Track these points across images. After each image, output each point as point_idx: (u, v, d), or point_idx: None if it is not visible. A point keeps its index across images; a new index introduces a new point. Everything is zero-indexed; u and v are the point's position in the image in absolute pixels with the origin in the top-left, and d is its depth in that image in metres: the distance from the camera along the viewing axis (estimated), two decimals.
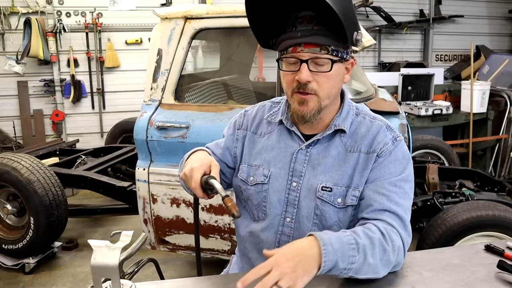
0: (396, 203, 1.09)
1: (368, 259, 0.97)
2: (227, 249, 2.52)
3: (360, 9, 5.90)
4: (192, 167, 1.10)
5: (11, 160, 2.94)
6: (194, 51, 4.99)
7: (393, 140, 1.15)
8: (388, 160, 1.13)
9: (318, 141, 1.18)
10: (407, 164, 1.15)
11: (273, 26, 1.14)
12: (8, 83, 5.32)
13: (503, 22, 6.78)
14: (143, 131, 2.45)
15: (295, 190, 1.18)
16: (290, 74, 1.11)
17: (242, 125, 1.32)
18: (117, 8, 5.43)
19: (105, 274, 0.89)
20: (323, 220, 1.15)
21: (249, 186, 1.24)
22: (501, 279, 1.01)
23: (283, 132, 1.24)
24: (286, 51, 1.10)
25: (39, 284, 2.90)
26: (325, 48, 1.07)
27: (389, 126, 1.20)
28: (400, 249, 1.05)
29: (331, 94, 1.13)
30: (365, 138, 1.16)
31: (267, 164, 1.22)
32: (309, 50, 1.07)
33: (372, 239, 1.00)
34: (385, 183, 1.11)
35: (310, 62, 1.08)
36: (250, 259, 1.28)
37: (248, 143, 1.29)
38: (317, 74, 1.09)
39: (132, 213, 3.05)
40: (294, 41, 1.08)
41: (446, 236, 2.25)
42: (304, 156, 1.18)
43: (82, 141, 5.22)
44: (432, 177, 3.12)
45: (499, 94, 5.11)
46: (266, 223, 1.21)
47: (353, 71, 1.23)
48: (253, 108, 1.35)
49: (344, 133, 1.17)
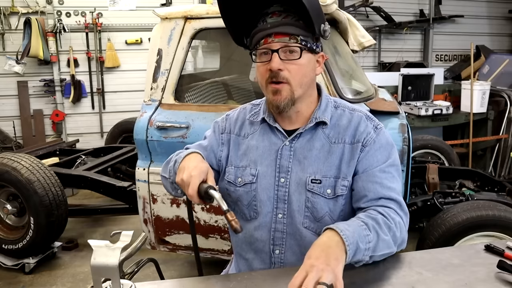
0: (389, 188, 1.14)
1: (381, 235, 1.03)
2: (227, 249, 2.52)
3: (360, 9, 5.90)
4: (191, 174, 1.09)
5: (11, 160, 2.94)
6: (194, 51, 5.00)
7: (375, 129, 1.20)
8: (374, 148, 1.17)
9: (301, 135, 1.21)
10: (391, 149, 1.20)
11: (246, 24, 1.20)
12: (8, 83, 5.33)
13: (503, 22, 6.78)
14: (143, 131, 2.45)
15: (284, 186, 1.20)
16: (263, 65, 1.16)
17: (225, 129, 1.34)
18: (117, 8, 5.44)
19: (105, 274, 0.89)
20: (314, 212, 1.17)
21: (238, 187, 1.25)
22: (501, 279, 1.01)
23: (266, 130, 1.26)
24: (259, 44, 1.16)
25: (39, 284, 2.90)
26: (294, 38, 1.13)
27: (368, 115, 1.24)
28: (402, 225, 1.11)
29: (303, 83, 1.17)
30: (348, 129, 1.20)
31: (254, 164, 1.24)
32: (279, 39, 1.13)
33: (376, 219, 1.06)
34: (375, 171, 1.15)
35: (280, 51, 1.13)
36: (247, 260, 1.29)
37: (233, 145, 1.31)
38: (287, 63, 1.14)
39: (132, 213, 3.05)
40: (264, 32, 1.14)
41: (446, 236, 2.25)
42: (289, 152, 1.21)
43: (82, 141, 5.23)
44: (432, 177, 3.11)
45: (499, 94, 5.11)
46: (259, 222, 1.23)
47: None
48: (234, 111, 1.38)
49: (325, 125, 1.21)
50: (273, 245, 1.22)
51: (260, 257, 1.25)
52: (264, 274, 1.12)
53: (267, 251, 1.23)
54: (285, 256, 1.21)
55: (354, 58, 2.96)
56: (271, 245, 1.22)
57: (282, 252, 1.22)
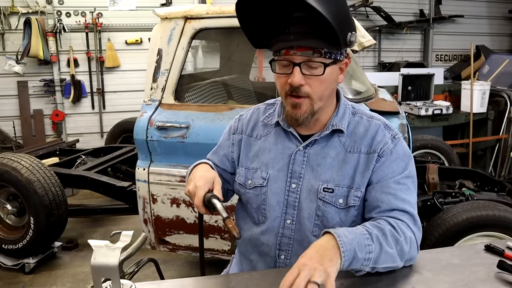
0: (403, 200, 1.10)
1: (385, 247, 0.99)
2: (227, 249, 2.51)
3: (360, 9, 5.90)
4: (196, 185, 1.10)
5: (11, 160, 2.94)
6: (194, 51, 5.00)
7: (392, 139, 1.16)
8: (390, 159, 1.13)
9: (316, 142, 1.18)
10: (409, 161, 1.16)
11: (265, 25, 1.12)
12: (8, 83, 5.32)
13: (503, 22, 6.78)
14: (143, 131, 2.45)
15: (294, 192, 1.17)
16: (283, 76, 1.11)
17: (237, 129, 1.32)
18: (117, 8, 5.43)
19: (105, 274, 0.89)
20: (325, 221, 1.15)
21: (248, 190, 1.23)
22: (501, 279, 1.01)
23: (280, 134, 1.23)
24: (279, 53, 1.10)
25: (39, 284, 2.90)
26: (318, 51, 1.06)
27: (386, 124, 1.20)
28: (413, 241, 1.06)
29: (324, 97, 1.13)
30: (364, 138, 1.16)
31: (265, 167, 1.22)
32: (301, 53, 1.06)
33: (383, 230, 1.02)
34: (390, 182, 1.11)
35: (302, 65, 1.07)
36: (252, 261, 1.28)
37: (244, 146, 1.29)
38: (309, 78, 1.08)
39: (132, 213, 3.05)
40: (287, 44, 1.07)
41: (446, 236, 2.25)
42: (302, 157, 1.18)
43: (82, 141, 5.22)
44: (432, 177, 3.11)
45: (499, 94, 5.11)
46: (266, 226, 1.21)
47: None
48: (247, 112, 1.35)
49: (342, 133, 1.17)
50: (279, 250, 1.20)
51: (265, 261, 1.24)
52: (264, 274, 1.12)
53: (272, 256, 1.21)
54: (290, 262, 1.18)
55: (354, 58, 2.96)
56: (277, 250, 1.20)
57: (287, 258, 1.19)
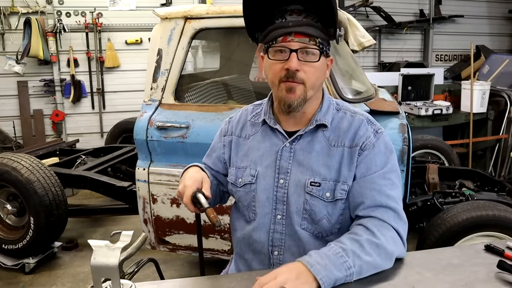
0: (388, 196, 1.13)
1: (364, 258, 1.00)
2: (227, 249, 2.51)
3: (360, 9, 5.90)
4: (185, 185, 1.18)
5: (11, 160, 2.94)
6: (194, 51, 5.00)
7: (375, 133, 1.19)
8: (372, 153, 1.16)
9: (301, 137, 1.21)
10: (391, 155, 1.19)
11: (260, 19, 1.17)
12: (8, 83, 5.32)
13: (503, 22, 6.78)
14: (143, 131, 2.45)
15: (282, 187, 1.20)
16: (278, 63, 1.14)
17: (228, 131, 1.36)
18: (117, 8, 5.43)
19: (105, 274, 0.89)
20: (313, 214, 1.17)
21: (238, 188, 1.27)
22: (501, 279, 1.01)
23: (267, 132, 1.26)
24: (276, 40, 1.13)
25: (39, 284, 2.90)
26: (314, 40, 1.11)
27: (369, 119, 1.22)
28: (396, 239, 1.09)
29: (316, 85, 1.17)
30: (348, 133, 1.19)
31: (254, 164, 1.25)
32: (299, 40, 1.11)
33: (359, 241, 1.04)
34: (374, 177, 1.14)
35: (299, 51, 1.11)
36: (247, 260, 1.29)
37: (234, 147, 1.32)
38: (305, 64, 1.12)
39: (132, 213, 3.05)
40: (285, 30, 1.11)
41: (446, 236, 2.25)
42: (289, 153, 1.20)
43: (82, 141, 5.22)
44: (432, 177, 3.11)
45: (499, 94, 5.11)
46: (257, 223, 1.23)
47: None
48: (236, 114, 1.39)
49: (325, 127, 1.20)
50: (272, 246, 1.22)
51: (259, 258, 1.25)
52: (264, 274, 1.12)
53: (265, 252, 1.23)
54: (283, 257, 1.21)
55: (354, 58, 2.96)
56: (270, 246, 1.22)
57: (281, 254, 1.21)
